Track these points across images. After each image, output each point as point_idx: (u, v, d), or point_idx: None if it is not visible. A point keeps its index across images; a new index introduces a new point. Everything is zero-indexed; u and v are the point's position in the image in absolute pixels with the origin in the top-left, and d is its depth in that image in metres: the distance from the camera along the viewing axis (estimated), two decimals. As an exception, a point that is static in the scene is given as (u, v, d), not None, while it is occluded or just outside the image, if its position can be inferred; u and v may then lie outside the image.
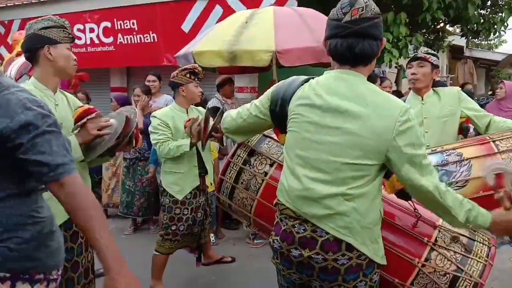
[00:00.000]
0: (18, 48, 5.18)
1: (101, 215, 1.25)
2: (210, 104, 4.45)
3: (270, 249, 1.58)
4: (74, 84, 6.08)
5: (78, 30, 6.92)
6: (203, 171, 3.04)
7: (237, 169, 1.82)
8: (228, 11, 5.44)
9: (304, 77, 1.53)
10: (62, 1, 7.03)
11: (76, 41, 6.95)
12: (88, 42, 6.89)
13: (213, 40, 4.34)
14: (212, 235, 3.99)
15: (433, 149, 1.96)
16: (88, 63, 6.70)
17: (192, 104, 3.12)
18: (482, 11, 6.68)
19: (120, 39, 6.62)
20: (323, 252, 1.42)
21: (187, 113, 3.01)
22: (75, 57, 2.00)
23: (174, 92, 3.11)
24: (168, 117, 2.93)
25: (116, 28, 6.59)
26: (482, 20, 6.56)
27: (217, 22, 5.29)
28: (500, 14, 6.59)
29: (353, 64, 1.43)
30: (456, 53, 12.06)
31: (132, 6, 6.43)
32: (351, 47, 1.38)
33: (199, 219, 3.02)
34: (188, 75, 2.99)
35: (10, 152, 1.18)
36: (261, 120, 1.62)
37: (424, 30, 6.62)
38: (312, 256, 1.43)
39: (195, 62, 4.37)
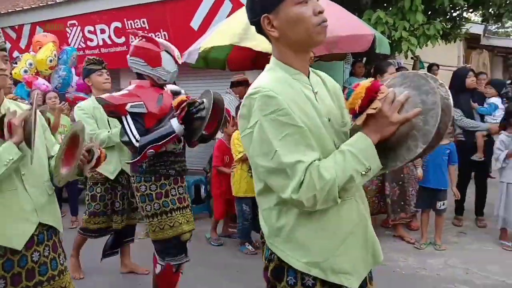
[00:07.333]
0: (43, 50, 5.15)
1: None
2: (227, 101, 4.35)
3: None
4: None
5: (89, 32, 6.93)
6: None
7: None
8: (237, 5, 5.33)
9: None
10: (72, 3, 7.02)
11: (88, 42, 6.97)
12: (101, 43, 6.89)
13: (221, 35, 4.24)
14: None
15: None
16: (100, 64, 6.70)
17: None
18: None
19: (131, 39, 6.56)
20: None
21: None
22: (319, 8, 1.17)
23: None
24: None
25: (127, 27, 6.56)
26: (504, 3, 6.28)
27: (226, 17, 5.20)
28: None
29: None
30: (472, 42, 11.55)
31: (142, 4, 6.39)
32: None
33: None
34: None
35: None
36: None
37: (441, 18, 6.35)
38: None
39: (199, 59, 4.30)
